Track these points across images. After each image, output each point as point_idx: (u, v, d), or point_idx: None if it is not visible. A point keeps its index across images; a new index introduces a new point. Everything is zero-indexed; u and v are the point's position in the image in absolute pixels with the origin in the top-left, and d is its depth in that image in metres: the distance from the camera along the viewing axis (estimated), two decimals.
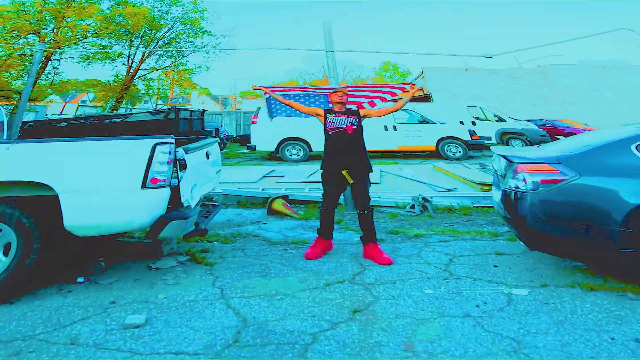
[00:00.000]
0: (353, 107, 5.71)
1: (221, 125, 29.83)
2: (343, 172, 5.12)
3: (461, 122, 17.80)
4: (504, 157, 4.88)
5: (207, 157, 5.51)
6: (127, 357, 2.97)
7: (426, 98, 27.51)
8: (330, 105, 5.44)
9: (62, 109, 37.12)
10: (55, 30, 25.35)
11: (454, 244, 5.63)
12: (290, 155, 16.96)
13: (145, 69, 30.48)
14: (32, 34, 24.88)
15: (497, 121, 19.93)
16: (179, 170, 4.35)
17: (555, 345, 3.10)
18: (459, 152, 16.87)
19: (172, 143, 4.20)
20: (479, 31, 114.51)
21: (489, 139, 18.53)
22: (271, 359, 2.95)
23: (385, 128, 16.88)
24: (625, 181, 4.07)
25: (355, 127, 5.17)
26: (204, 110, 13.43)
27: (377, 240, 5.22)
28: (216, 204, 5.82)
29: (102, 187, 4.06)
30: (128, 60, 29.32)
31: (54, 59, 26.17)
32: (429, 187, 9.61)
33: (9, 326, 3.45)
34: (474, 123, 18.34)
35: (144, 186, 4.06)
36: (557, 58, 31.99)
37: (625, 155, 4.19)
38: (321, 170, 5.36)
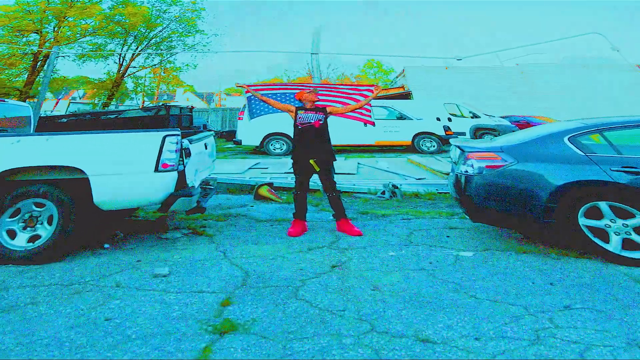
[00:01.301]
0: (325, 103, 6.64)
1: (207, 122, 30.48)
2: (311, 161, 6.06)
3: (438, 119, 18.82)
4: (458, 147, 5.89)
5: (206, 147, 6.46)
6: (162, 294, 3.89)
7: (407, 95, 28.62)
8: (302, 103, 6.32)
9: (55, 106, 37.36)
10: (55, 29, 25.89)
11: (415, 221, 6.63)
12: (274, 150, 17.82)
13: (134, 67, 31.21)
14: (35, 33, 25.42)
15: (472, 117, 20.74)
16: (184, 158, 5.27)
17: (489, 286, 4.09)
18: (433, 146, 17.89)
19: (179, 135, 5.12)
20: (463, 29, 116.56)
21: (464, 134, 19.42)
22: (271, 295, 3.88)
23: (364, 124, 17.74)
24: (552, 166, 5.07)
25: (322, 122, 6.10)
26: (192, 108, 14.11)
27: (349, 218, 6.18)
28: (212, 187, 6.72)
29: (123, 171, 4.99)
30: (119, 58, 29.92)
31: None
32: (401, 177, 10.62)
33: (64, 276, 4.37)
34: (450, 119, 19.24)
35: (156, 170, 5.00)
36: (537, 57, 33.32)
37: (558, 145, 5.19)
38: (292, 160, 6.29)
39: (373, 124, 7.61)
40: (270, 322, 3.35)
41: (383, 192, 8.50)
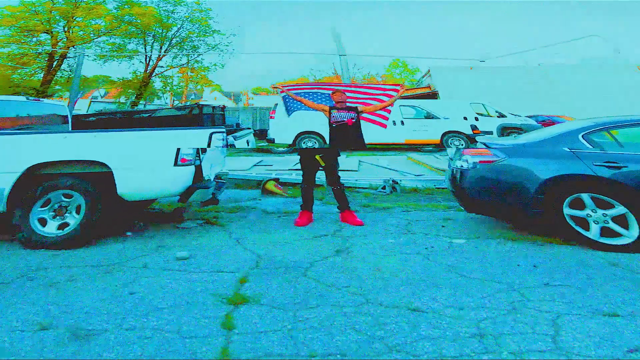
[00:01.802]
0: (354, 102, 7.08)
1: (239, 120, 30.82)
2: (316, 157, 6.54)
3: (464, 118, 19.19)
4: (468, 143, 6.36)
5: (221, 142, 6.92)
6: (185, 273, 4.36)
7: (433, 95, 29.07)
8: (335, 103, 6.80)
9: (74, 104, 37.83)
10: (66, 29, 26.42)
11: (414, 213, 7.09)
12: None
13: (162, 67, 31.72)
14: (45, 33, 25.95)
15: (499, 117, 20.93)
16: (200, 153, 5.74)
17: (478, 267, 4.53)
18: (462, 145, 18.23)
19: (224, 131, 5.70)
20: (488, 29, 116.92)
21: (491, 133, 19.72)
22: (283, 274, 4.34)
23: (394, 123, 18.17)
24: (540, 161, 5.51)
25: (354, 120, 6.60)
26: (224, 107, 14.55)
27: (352, 210, 6.64)
28: (224, 181, 7.19)
29: (144, 165, 5.49)
30: (145, 58, 30.50)
31: (69, 57, 27.08)
32: (400, 173, 11.07)
33: (95, 258, 4.86)
34: (476, 119, 19.49)
35: (175, 164, 5.49)
36: (560, 57, 33.74)
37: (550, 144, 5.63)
38: (299, 157, 6.75)
39: (385, 126, 8.01)
40: (283, 295, 3.81)
41: (384, 187, 8.96)
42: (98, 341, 3.06)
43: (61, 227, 5.40)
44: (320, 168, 6.63)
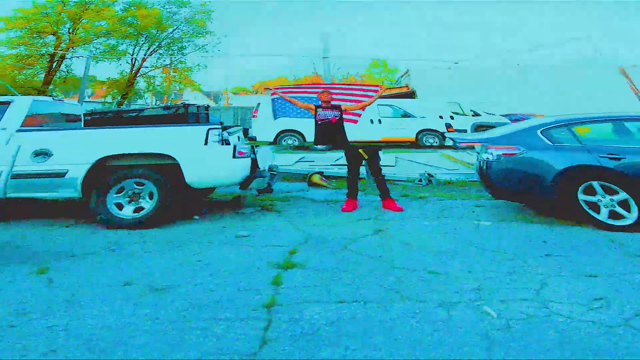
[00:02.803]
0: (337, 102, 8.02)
1: (221, 119, 31.94)
2: (360, 150, 7.41)
3: (440, 117, 19.83)
4: (478, 140, 7.14)
5: (238, 139, 7.76)
6: (244, 247, 5.31)
7: (411, 94, 29.64)
8: (320, 102, 7.71)
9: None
10: (71, 31, 27.50)
11: (448, 201, 7.87)
12: (287, 146, 19.34)
13: (146, 67, 32.60)
14: (51, 34, 27.09)
15: (473, 115, 21.74)
16: (255, 148, 6.72)
17: (495, 243, 5.28)
18: (436, 142, 19.26)
19: (219, 127, 6.50)
20: (466, 30, 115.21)
21: (465, 131, 20.37)
22: (327, 248, 5.23)
23: (371, 121, 18.85)
24: (556, 153, 6.24)
25: (337, 118, 7.53)
26: (208, 106, 15.45)
27: (392, 198, 7.48)
28: (275, 172, 8.16)
29: (207, 157, 6.41)
30: (132, 58, 31.43)
31: (67, 58, 28.41)
32: (435, 168, 11.81)
33: (167, 236, 5.86)
34: (452, 117, 20.12)
35: (234, 156, 6.43)
36: (537, 58, 33.63)
37: (562, 135, 6.37)
38: (344, 151, 7.66)
39: (356, 122, 8.84)
40: (324, 262, 4.69)
41: (420, 180, 9.73)
42: (171, 292, 3.97)
43: (136, 210, 6.40)
44: (364, 160, 7.50)
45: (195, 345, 3.06)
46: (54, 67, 28.20)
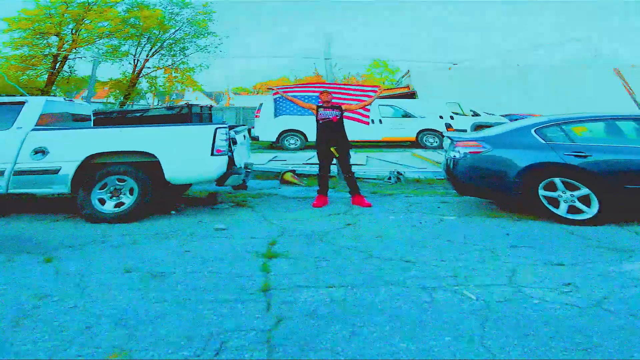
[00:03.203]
0: (337, 102, 8.26)
1: (224, 119, 31.96)
2: (331, 148, 7.60)
3: (440, 117, 20.20)
4: (449, 137, 7.39)
5: (244, 138, 8.03)
6: (226, 238, 5.46)
7: (412, 95, 30.05)
8: (321, 103, 7.92)
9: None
10: (74, 31, 27.40)
11: (414, 198, 8.15)
12: (289, 145, 19.43)
13: (149, 68, 32.58)
14: (55, 35, 26.95)
15: (473, 115, 22.02)
16: (232, 145, 6.82)
17: (460, 235, 5.58)
18: (436, 142, 19.43)
19: (227, 127, 6.67)
20: (466, 30, 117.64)
21: (465, 131, 20.82)
22: (303, 239, 5.41)
23: (372, 121, 19.04)
24: (520, 151, 6.54)
25: (338, 117, 7.71)
26: (211, 106, 15.58)
27: (361, 194, 7.69)
28: (250, 170, 8.27)
29: (186, 155, 6.55)
30: (134, 59, 31.42)
31: (70, 59, 28.28)
32: (405, 167, 12.10)
33: (150, 229, 6.00)
34: (452, 117, 20.51)
35: (212, 154, 6.55)
36: (536, 58, 34.26)
37: (525, 136, 6.65)
38: (316, 149, 7.83)
39: (368, 123, 9.08)
40: (304, 252, 4.90)
41: (389, 178, 10.00)
42: (170, 278, 4.16)
43: (117, 205, 6.54)
44: (334, 158, 7.68)
45: (214, 323, 3.28)
46: (57, 67, 27.95)
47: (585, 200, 6.13)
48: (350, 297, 3.69)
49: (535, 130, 6.66)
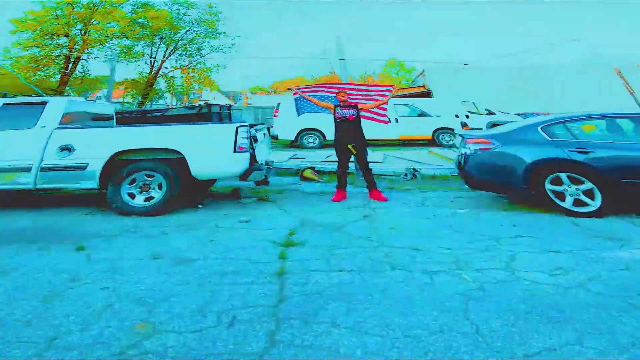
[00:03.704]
0: (353, 101, 8.68)
1: (242, 118, 32.49)
2: (349, 146, 8.00)
3: (456, 116, 20.48)
4: (460, 135, 7.75)
5: (264, 136, 8.48)
6: (248, 230, 5.90)
7: (427, 94, 30.26)
8: (338, 102, 8.33)
9: None
10: (83, 32, 27.82)
11: (429, 193, 8.51)
12: (307, 143, 19.84)
13: (166, 68, 32.97)
14: (64, 36, 27.37)
15: (488, 114, 22.22)
16: (253, 142, 7.27)
17: (469, 226, 5.93)
18: (452, 140, 19.65)
19: (247, 125, 7.11)
20: (481, 30, 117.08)
21: (480, 129, 21.08)
22: (321, 230, 5.83)
23: (390, 120, 19.60)
24: (526, 148, 6.87)
25: (354, 116, 8.10)
26: (230, 106, 15.93)
27: (378, 189, 8.09)
28: (272, 167, 8.72)
29: (210, 152, 6.98)
30: (150, 60, 31.85)
31: (83, 59, 28.74)
32: (421, 164, 12.44)
33: (178, 221, 6.46)
34: (467, 116, 20.77)
35: (234, 151, 6.98)
36: (552, 57, 34.05)
37: (532, 133, 6.98)
38: (334, 147, 8.24)
39: (387, 122, 9.43)
40: (321, 241, 5.30)
41: (405, 175, 10.37)
42: (195, 264, 4.59)
43: (147, 199, 7.00)
44: (352, 155, 8.09)
45: (226, 300, 3.69)
46: (70, 67, 28.41)
47: (590, 193, 6.44)
48: (357, 280, 4.08)
49: (541, 128, 6.98)
